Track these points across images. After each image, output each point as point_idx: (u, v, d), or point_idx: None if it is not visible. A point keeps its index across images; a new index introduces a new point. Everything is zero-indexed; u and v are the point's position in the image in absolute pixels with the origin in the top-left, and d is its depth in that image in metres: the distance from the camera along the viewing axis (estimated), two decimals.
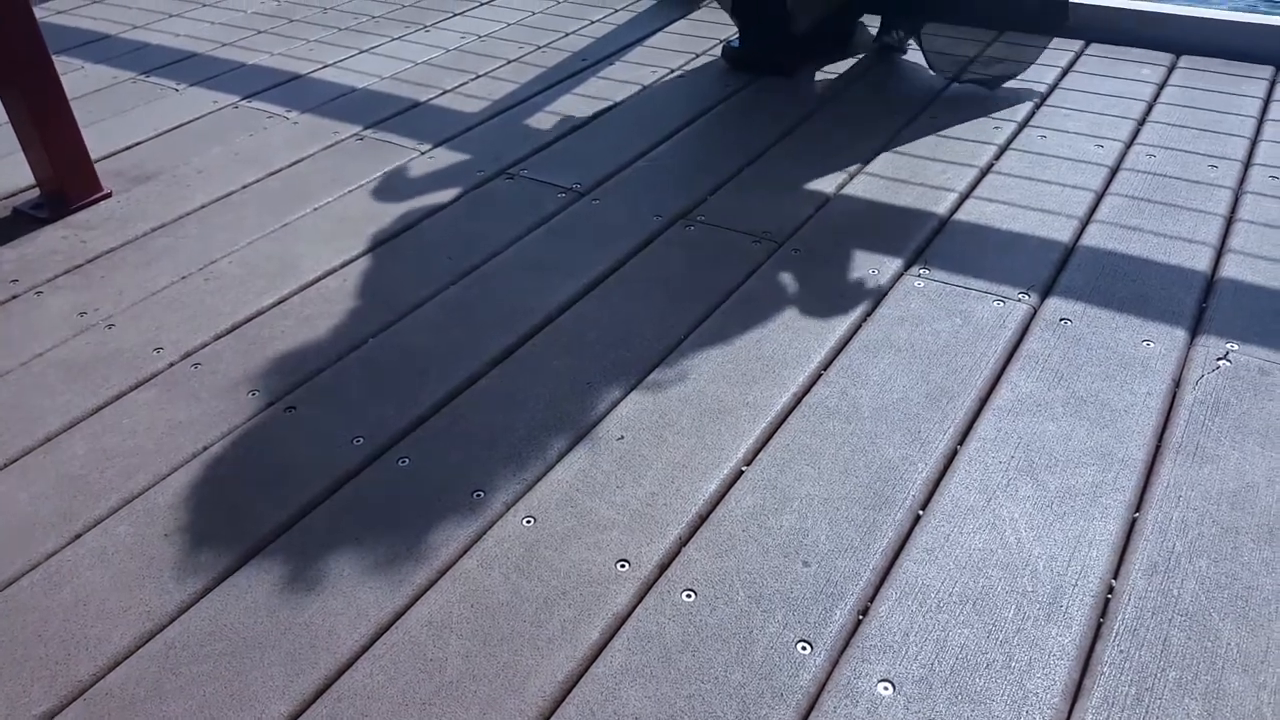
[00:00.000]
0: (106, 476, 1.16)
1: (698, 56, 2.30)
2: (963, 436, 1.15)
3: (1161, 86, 2.04)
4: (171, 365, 1.34)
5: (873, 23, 2.36)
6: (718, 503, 1.08)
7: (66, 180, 1.73)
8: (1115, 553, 1.00)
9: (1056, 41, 2.25)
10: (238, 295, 1.48)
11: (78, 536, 1.08)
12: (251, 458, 1.17)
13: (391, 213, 1.69)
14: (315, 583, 1.00)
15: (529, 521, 1.06)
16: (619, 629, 0.94)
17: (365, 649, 0.93)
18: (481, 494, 1.10)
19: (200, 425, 1.23)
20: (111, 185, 1.82)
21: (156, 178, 1.85)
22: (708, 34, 2.42)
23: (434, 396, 1.25)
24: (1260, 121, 1.87)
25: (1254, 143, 1.79)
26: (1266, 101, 1.95)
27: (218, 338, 1.39)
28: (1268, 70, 2.07)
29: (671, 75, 2.22)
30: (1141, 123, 1.89)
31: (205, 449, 1.19)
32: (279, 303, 1.46)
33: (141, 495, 1.13)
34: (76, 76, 2.34)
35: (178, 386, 1.30)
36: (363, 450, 1.17)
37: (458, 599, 0.97)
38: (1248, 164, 1.72)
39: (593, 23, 2.55)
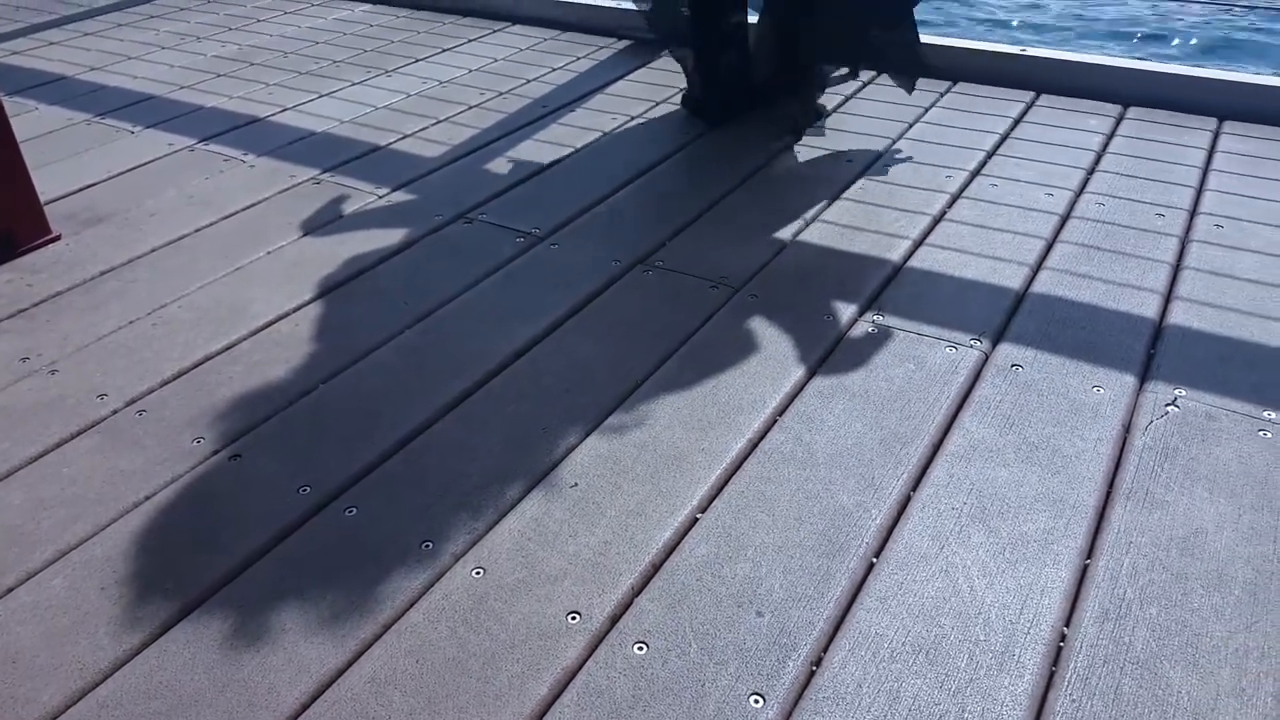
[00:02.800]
0: (43, 528, 1.12)
1: (658, 104, 2.33)
2: (916, 482, 1.15)
3: (1110, 137, 2.09)
4: (115, 412, 1.31)
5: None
6: (671, 551, 1.07)
7: (14, 222, 1.70)
8: (1067, 600, 1.00)
9: (1008, 92, 2.31)
10: (186, 340, 1.45)
11: (10, 590, 1.04)
12: (194, 508, 1.14)
13: (347, 257, 1.68)
14: (256, 638, 0.97)
15: (478, 573, 1.04)
16: (568, 684, 0.92)
17: (306, 707, 0.90)
18: (430, 544, 1.08)
19: (142, 474, 1.19)
20: (61, 228, 1.79)
21: (108, 220, 1.83)
22: (668, 82, 2.45)
23: (384, 444, 1.23)
24: (1205, 171, 1.92)
25: (1199, 192, 1.84)
26: (1210, 152, 2.00)
27: (164, 384, 1.36)
28: (1211, 122, 2.14)
29: (632, 122, 2.24)
30: (1091, 172, 1.93)
31: (147, 499, 1.16)
32: (228, 348, 1.44)
33: (79, 547, 1.09)
34: (30, 118, 2.31)
35: (121, 434, 1.26)
36: (309, 499, 1.14)
37: (403, 654, 0.95)
38: (1193, 212, 1.76)
39: (554, 70, 2.57)
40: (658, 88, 2.42)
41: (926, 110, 2.24)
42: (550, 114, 2.29)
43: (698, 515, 1.11)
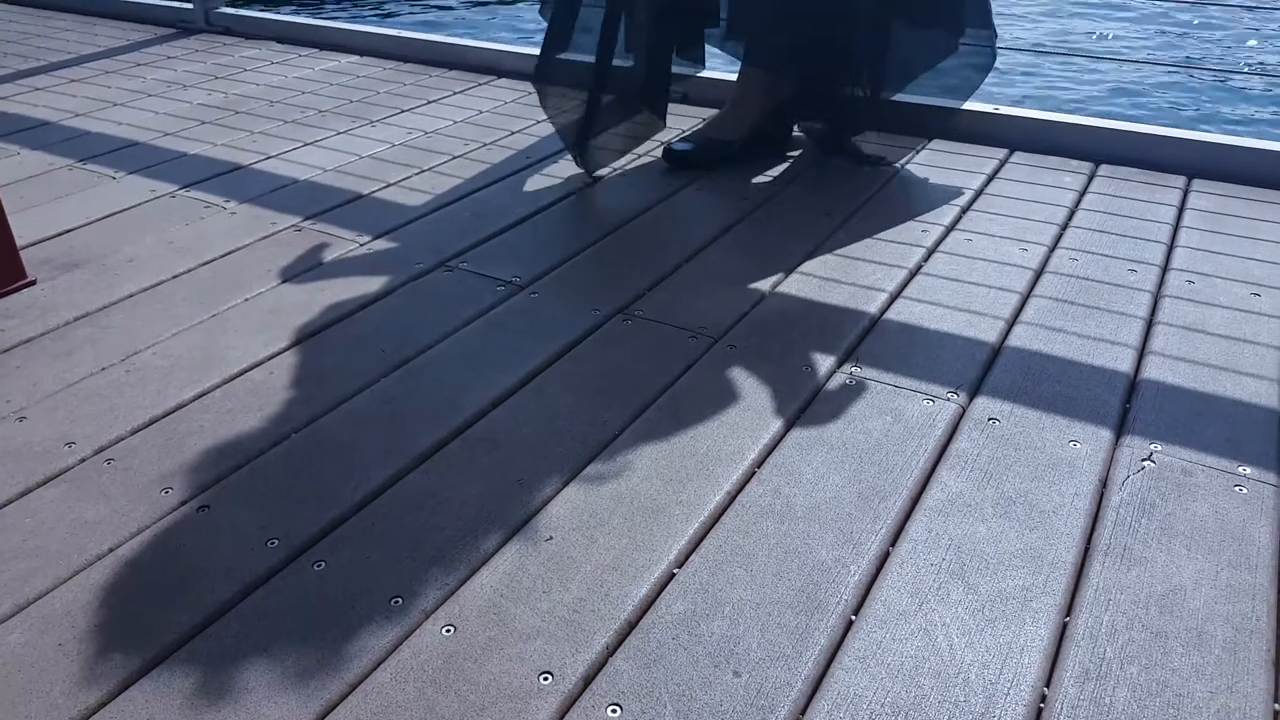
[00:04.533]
0: (1, 581, 1.09)
1: (639, 157, 2.35)
2: (894, 537, 1.14)
3: (1083, 193, 2.12)
4: (83, 461, 1.28)
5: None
6: (648, 608, 1.05)
7: None
8: (1047, 659, 0.98)
9: (981, 149, 2.34)
10: (159, 388, 1.43)
11: None
12: (159, 560, 1.11)
13: (325, 304, 1.67)
14: (218, 698, 0.94)
15: (449, 630, 1.02)
16: None
17: None
18: (400, 600, 1.05)
19: (108, 525, 1.17)
20: (37, 273, 1.78)
21: (85, 266, 1.81)
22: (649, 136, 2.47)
23: (356, 495, 1.21)
24: (1175, 228, 1.95)
25: (1170, 248, 1.87)
26: (1181, 209, 2.04)
27: (134, 432, 1.34)
28: (1181, 180, 2.17)
29: (613, 173, 2.25)
30: (1064, 227, 1.96)
31: (111, 550, 1.13)
32: (201, 396, 1.42)
33: (38, 601, 1.06)
34: (10, 162, 2.31)
35: (87, 484, 1.24)
36: (277, 553, 1.12)
37: (369, 716, 0.92)
38: (1165, 268, 1.79)
39: (539, 121, 2.59)
40: (639, 140, 2.44)
41: (902, 166, 2.27)
42: (533, 165, 2.31)
43: (675, 570, 1.10)
